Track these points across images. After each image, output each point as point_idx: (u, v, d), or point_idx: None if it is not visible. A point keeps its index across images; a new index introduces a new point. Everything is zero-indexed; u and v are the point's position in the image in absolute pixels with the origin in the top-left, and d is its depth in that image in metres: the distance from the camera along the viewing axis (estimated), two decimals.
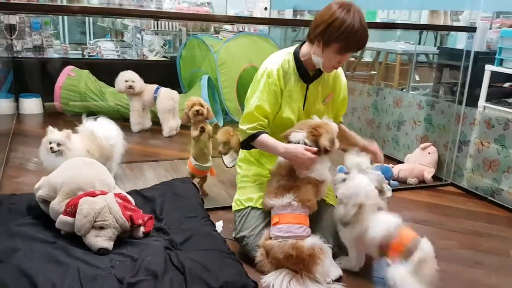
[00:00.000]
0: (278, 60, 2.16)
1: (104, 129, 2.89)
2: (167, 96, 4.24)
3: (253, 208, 2.19)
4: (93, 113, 4.52)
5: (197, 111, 2.66)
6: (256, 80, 2.17)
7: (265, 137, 2.12)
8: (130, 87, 4.15)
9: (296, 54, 2.18)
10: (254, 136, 2.14)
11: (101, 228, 1.87)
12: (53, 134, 2.63)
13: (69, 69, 4.55)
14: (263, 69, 2.14)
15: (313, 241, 1.98)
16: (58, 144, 2.59)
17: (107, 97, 4.52)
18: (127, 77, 4.18)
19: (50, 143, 2.59)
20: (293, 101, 2.18)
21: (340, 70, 2.29)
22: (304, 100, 2.21)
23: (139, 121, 4.31)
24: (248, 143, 2.17)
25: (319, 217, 2.15)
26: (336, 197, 2.12)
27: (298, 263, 1.95)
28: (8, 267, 1.63)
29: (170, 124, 4.22)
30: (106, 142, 2.84)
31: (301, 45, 2.19)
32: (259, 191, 2.23)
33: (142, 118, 4.35)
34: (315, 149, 2.01)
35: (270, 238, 2.02)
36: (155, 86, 4.30)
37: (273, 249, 1.98)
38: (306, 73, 2.17)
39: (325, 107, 2.27)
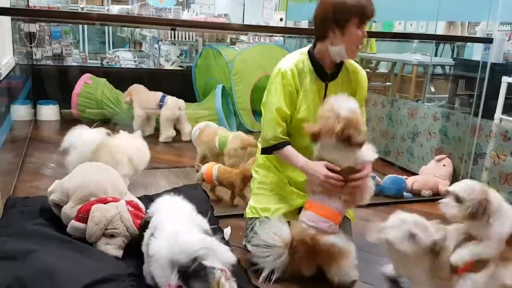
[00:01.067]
0: (292, 60, 2.13)
1: None
2: (174, 105, 4.28)
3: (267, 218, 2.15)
4: (109, 120, 4.63)
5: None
6: (270, 82, 2.14)
7: (287, 150, 2.09)
8: None
9: (310, 53, 2.15)
10: (276, 147, 2.11)
11: (112, 236, 1.88)
12: None
13: (86, 77, 4.63)
14: (277, 70, 2.11)
15: (334, 240, 1.92)
16: None
17: (122, 105, 4.57)
18: None
19: None
20: (309, 101, 2.13)
21: (358, 68, 2.25)
22: (324, 99, 2.12)
23: (145, 127, 4.36)
24: (270, 151, 2.15)
25: None
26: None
27: (312, 254, 1.93)
28: (24, 264, 1.65)
29: (170, 133, 4.29)
30: None
31: (314, 45, 2.15)
32: (277, 202, 2.19)
33: (145, 125, 4.39)
34: (338, 168, 1.93)
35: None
36: (160, 94, 4.34)
37: (295, 227, 1.98)
38: (323, 71, 2.14)
39: None
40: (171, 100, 4.29)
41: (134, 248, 1.91)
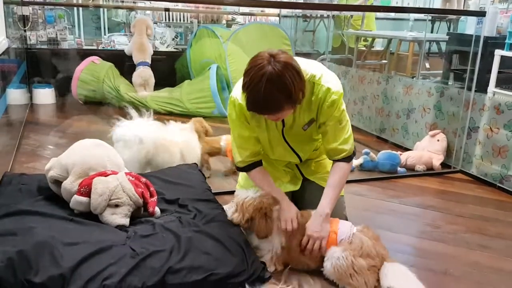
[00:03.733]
0: None
1: None
2: (137, 74, 4.79)
3: None
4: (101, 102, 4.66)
5: None
6: (230, 101, 2.03)
7: (255, 173, 2.08)
8: None
9: None
10: (245, 169, 2.09)
11: (117, 206, 1.94)
12: None
13: (94, 58, 4.76)
14: (231, 96, 2.00)
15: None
16: None
17: (121, 88, 4.60)
18: None
19: None
20: (263, 131, 2.03)
21: (324, 94, 1.91)
22: (282, 128, 2.02)
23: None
24: (244, 171, 2.12)
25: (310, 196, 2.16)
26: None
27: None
28: (24, 238, 1.68)
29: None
30: None
31: None
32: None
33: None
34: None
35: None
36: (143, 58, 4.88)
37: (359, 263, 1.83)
38: None
39: (307, 133, 2.04)
40: (140, 70, 4.79)
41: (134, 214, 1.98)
